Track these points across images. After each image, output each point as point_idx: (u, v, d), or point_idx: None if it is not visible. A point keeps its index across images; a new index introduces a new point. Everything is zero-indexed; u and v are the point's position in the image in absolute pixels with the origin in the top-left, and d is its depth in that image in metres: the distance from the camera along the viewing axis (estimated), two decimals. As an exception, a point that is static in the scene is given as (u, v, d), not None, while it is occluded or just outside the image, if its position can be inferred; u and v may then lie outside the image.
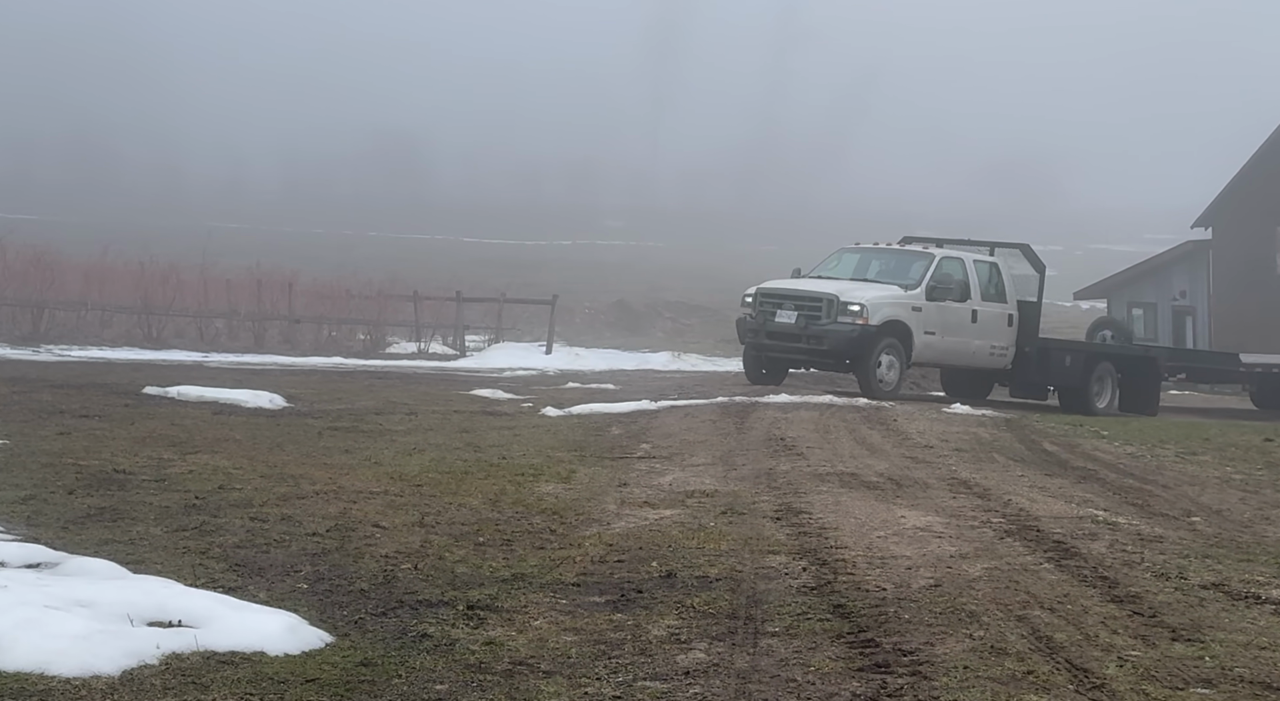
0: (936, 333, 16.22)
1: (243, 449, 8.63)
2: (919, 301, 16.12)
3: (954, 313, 16.37)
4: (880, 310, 15.81)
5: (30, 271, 22.64)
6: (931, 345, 16.27)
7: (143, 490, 6.80)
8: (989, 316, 16.69)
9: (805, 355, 16.16)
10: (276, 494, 6.96)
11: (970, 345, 16.59)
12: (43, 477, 6.94)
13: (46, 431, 8.85)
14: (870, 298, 15.87)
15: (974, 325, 16.54)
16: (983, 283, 16.83)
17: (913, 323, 16.01)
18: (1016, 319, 17.05)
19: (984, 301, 16.68)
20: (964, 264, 16.71)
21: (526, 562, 5.81)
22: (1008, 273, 17.21)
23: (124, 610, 4.24)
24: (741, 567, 5.84)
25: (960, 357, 16.87)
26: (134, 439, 8.72)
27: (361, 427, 10.38)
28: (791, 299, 16.12)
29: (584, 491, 7.72)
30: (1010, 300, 17.01)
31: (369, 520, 6.45)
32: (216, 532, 5.90)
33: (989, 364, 17.03)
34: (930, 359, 16.89)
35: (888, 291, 16.20)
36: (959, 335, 16.44)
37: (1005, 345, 16.90)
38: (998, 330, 16.81)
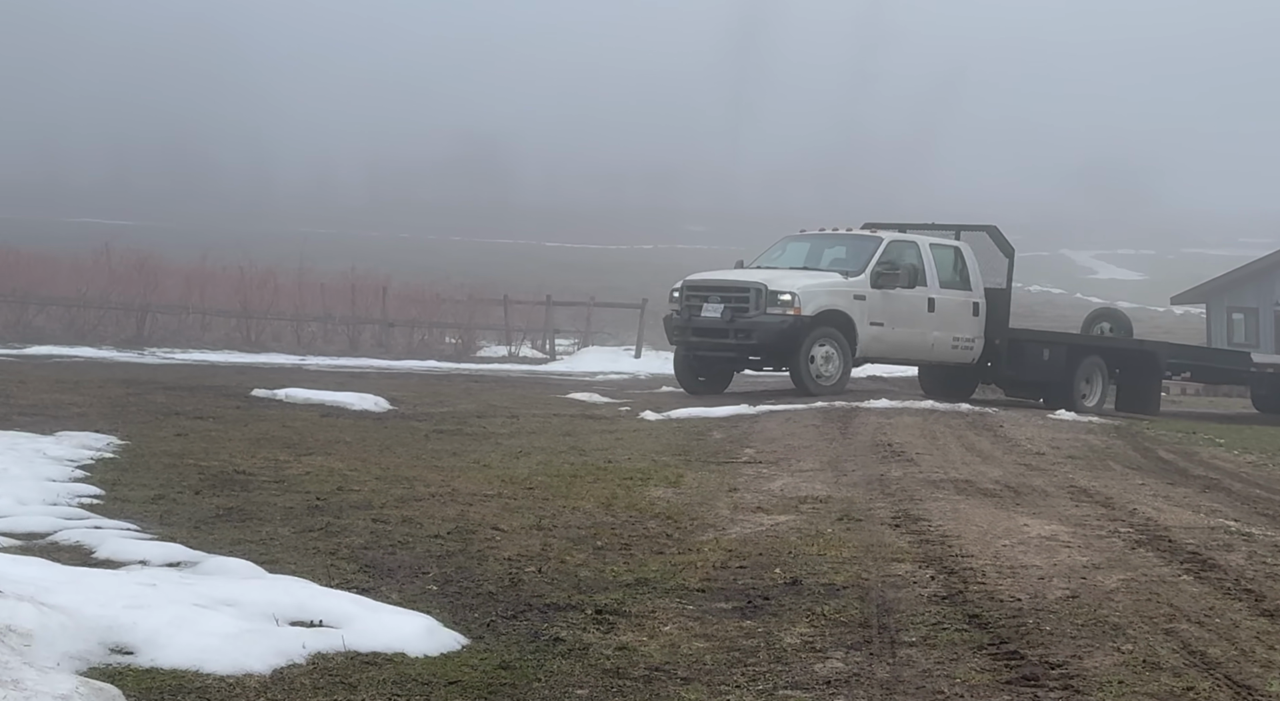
0: (885, 323, 14.98)
1: (354, 451, 8.71)
2: (862, 289, 14.82)
3: (905, 301, 15.06)
4: (814, 299, 14.54)
5: (134, 276, 23.16)
6: (880, 337, 15.01)
7: (264, 491, 6.88)
8: (949, 305, 15.38)
9: (734, 351, 14.85)
10: (394, 496, 7.00)
11: (927, 337, 15.29)
12: (168, 478, 7.05)
13: (164, 432, 9.01)
14: (802, 286, 14.62)
15: (931, 315, 15.24)
16: (941, 268, 15.50)
17: (855, 312, 14.74)
18: (983, 308, 15.71)
19: (943, 289, 15.39)
20: (918, 248, 15.43)
21: (648, 567, 5.78)
22: (973, 258, 15.84)
23: (268, 609, 4.27)
24: (867, 575, 5.76)
25: (917, 351, 15.56)
26: (249, 440, 8.85)
27: (466, 430, 10.43)
28: (718, 291, 14.86)
29: (695, 496, 7.67)
30: (976, 287, 15.69)
31: (487, 522, 6.47)
32: (342, 533, 5.94)
33: (952, 357, 15.66)
34: (880, 353, 15.44)
35: (825, 279, 14.98)
36: (913, 326, 15.17)
37: (971, 337, 15.59)
38: (961, 320, 15.48)
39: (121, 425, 9.12)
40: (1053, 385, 15.96)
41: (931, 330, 15.24)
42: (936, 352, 15.55)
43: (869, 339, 14.86)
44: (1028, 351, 15.94)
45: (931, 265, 15.32)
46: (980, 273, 15.74)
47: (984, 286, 15.68)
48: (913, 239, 15.61)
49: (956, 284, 15.56)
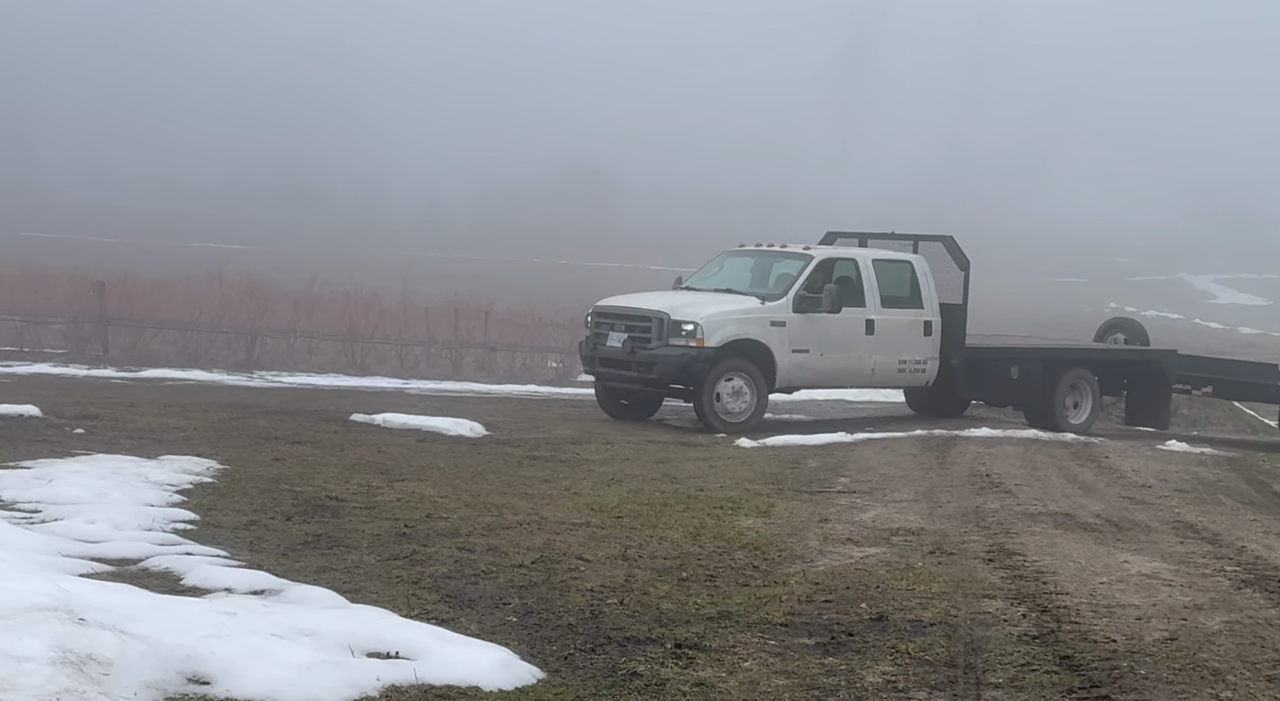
0: (811, 350, 13.93)
1: (446, 477, 8.77)
2: (782, 315, 13.81)
3: (836, 325, 14.05)
4: (721, 328, 13.53)
5: (245, 300, 23.67)
6: (805, 365, 13.95)
7: (355, 517, 6.95)
8: (893, 326, 14.37)
9: (638, 384, 13.93)
10: (481, 523, 7.03)
11: (865, 361, 14.29)
12: (262, 503, 7.17)
13: (263, 457, 9.16)
14: (708, 314, 13.58)
15: (870, 338, 14.23)
16: (885, 286, 14.46)
17: (774, 340, 13.72)
18: (938, 326, 14.64)
19: (887, 308, 14.38)
20: (856, 266, 14.36)
21: (732, 600, 5.71)
22: (927, 273, 14.75)
23: (344, 640, 4.30)
24: (956, 612, 5.62)
25: (855, 377, 14.61)
26: (344, 466, 8.96)
27: (559, 457, 10.45)
28: (623, 318, 13.97)
29: (785, 526, 7.58)
30: (929, 304, 14.64)
31: (572, 552, 6.45)
32: (427, 562, 5.97)
33: (901, 382, 14.87)
34: (807, 381, 14.37)
35: (738, 305, 13.95)
36: (848, 350, 14.15)
37: (923, 358, 14.55)
38: (908, 341, 14.47)
39: (222, 449, 9.30)
40: (1032, 403, 15.03)
41: (871, 354, 14.29)
42: (880, 378, 14.69)
43: (791, 368, 13.88)
44: (991, 369, 14.96)
45: (872, 284, 14.34)
46: (935, 288, 14.70)
47: (940, 302, 14.68)
48: (851, 256, 14.58)
49: (905, 302, 14.57)
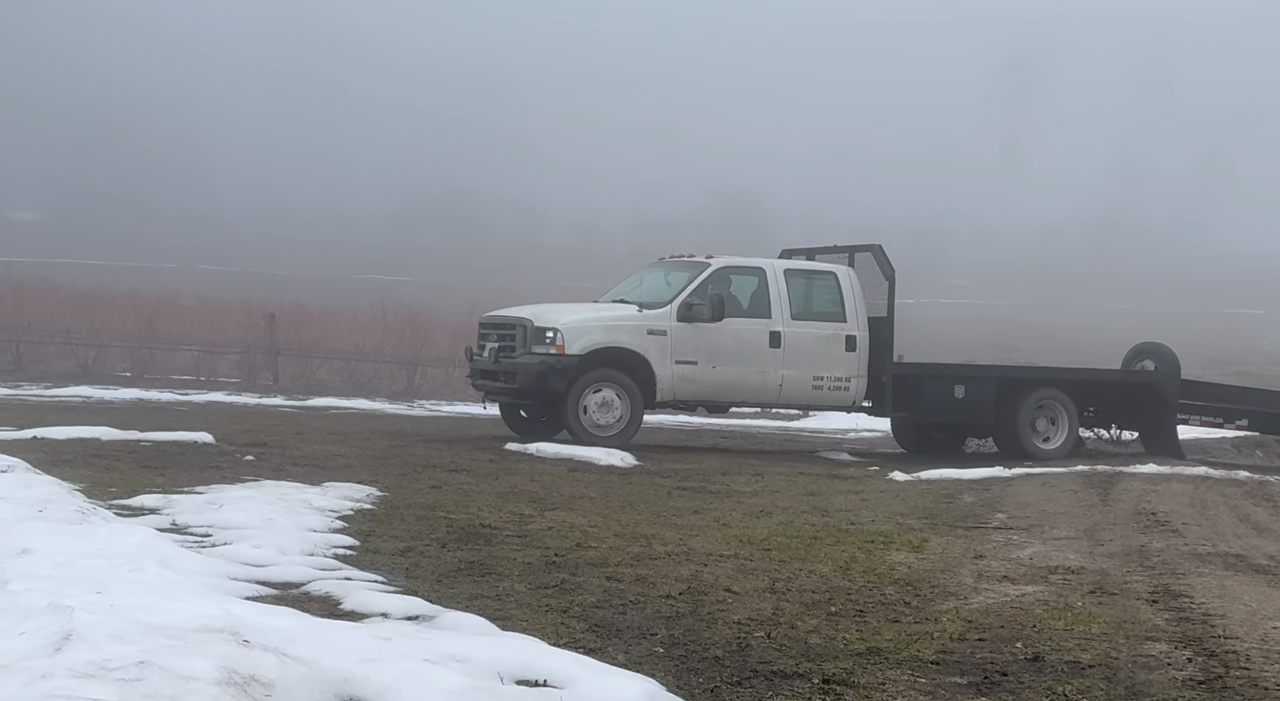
0: (700, 361, 13.36)
1: (597, 506, 8.86)
2: (664, 323, 13.26)
3: (733, 336, 13.46)
4: (585, 335, 13.03)
5: (406, 330, 24.34)
6: (693, 377, 13.36)
7: (507, 545, 7.07)
8: (806, 339, 13.67)
9: (507, 395, 13.50)
10: (630, 553, 7.07)
11: (770, 376, 13.60)
12: (418, 530, 7.34)
13: (421, 484, 9.40)
14: (571, 321, 13.15)
15: (775, 350, 13.56)
16: (799, 298, 13.83)
17: (653, 350, 13.18)
18: (863, 341, 13.86)
19: (798, 321, 13.71)
20: (764, 275, 13.76)
21: (881, 636, 5.63)
22: (854, 285, 14.02)
23: (494, 667, 4.38)
24: (1116, 654, 5.44)
25: (758, 393, 13.86)
26: (498, 494, 9.13)
27: (709, 488, 10.46)
28: (496, 328, 13.70)
29: (938, 562, 7.45)
30: (854, 318, 13.89)
31: (720, 584, 6.44)
32: (575, 591, 6.04)
33: (817, 400, 14.03)
34: (696, 395, 13.63)
35: (610, 312, 13.51)
36: (747, 364, 13.54)
37: (845, 375, 13.80)
38: (826, 356, 13.73)
39: (382, 477, 9.57)
40: (988, 427, 14.22)
41: (778, 368, 13.62)
42: (791, 394, 13.92)
43: (676, 379, 13.33)
44: (930, 388, 14.06)
45: (782, 294, 13.69)
46: (864, 301, 14.02)
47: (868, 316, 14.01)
48: (758, 266, 13.97)
49: (824, 315, 13.90)
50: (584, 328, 13.12)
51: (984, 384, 14.22)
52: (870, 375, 13.92)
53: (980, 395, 14.04)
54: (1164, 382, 14.93)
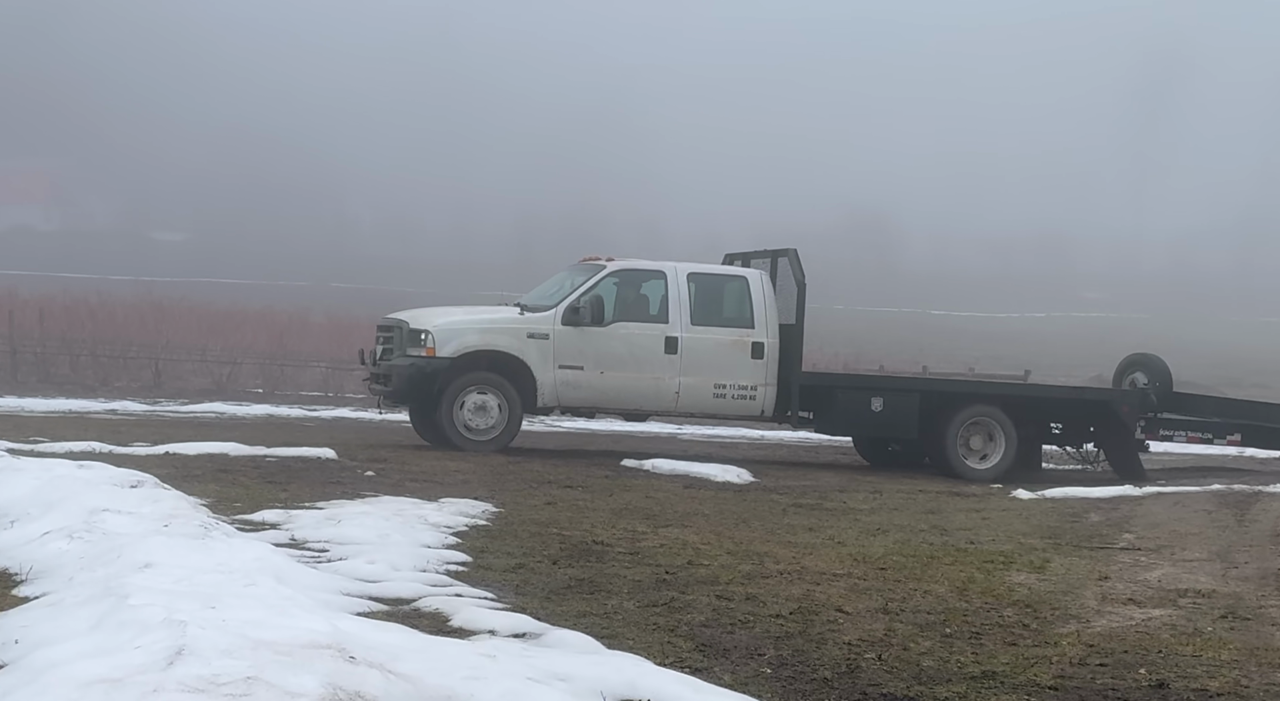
0: (586, 366, 12.98)
1: (710, 524, 8.82)
2: (545, 326, 12.91)
3: (623, 341, 13.06)
4: (457, 338, 12.78)
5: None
6: (577, 383, 12.99)
7: (618, 562, 7.07)
8: (707, 345, 13.17)
9: (390, 398, 13.23)
10: (741, 572, 7.02)
11: (664, 383, 13.12)
12: (531, 546, 7.39)
13: (536, 500, 9.47)
14: (443, 323, 12.94)
15: (671, 356, 13.07)
16: (703, 302, 13.34)
17: (532, 354, 12.86)
18: (773, 348, 13.30)
19: (698, 326, 13.21)
20: (665, 278, 13.27)
21: (997, 659, 5.49)
22: (765, 290, 13.48)
23: (598, 686, 4.37)
24: (1248, 682, 5.23)
25: (650, 400, 13.29)
26: (611, 510, 9.15)
27: (825, 505, 10.35)
28: (384, 330, 13.53)
29: (1059, 583, 7.24)
30: (762, 324, 13.33)
31: (832, 604, 6.36)
32: (684, 609, 6.01)
33: (720, 409, 13.49)
34: (582, 401, 13.25)
35: (489, 315, 13.32)
36: (640, 370, 13.09)
37: (750, 383, 13.24)
38: (728, 363, 13.21)
39: (498, 492, 9.67)
40: (914, 443, 13.58)
41: (674, 375, 13.14)
42: (689, 402, 13.38)
43: (558, 384, 12.98)
44: (843, 400, 13.36)
45: (682, 298, 13.21)
46: (776, 307, 13.47)
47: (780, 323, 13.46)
48: (659, 269, 13.48)
49: (730, 321, 13.42)
50: (457, 330, 12.97)
51: (905, 397, 13.56)
52: (780, 384, 13.41)
53: (901, 409, 13.39)
54: (1118, 400, 14.12)
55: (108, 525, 6.24)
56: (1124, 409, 13.85)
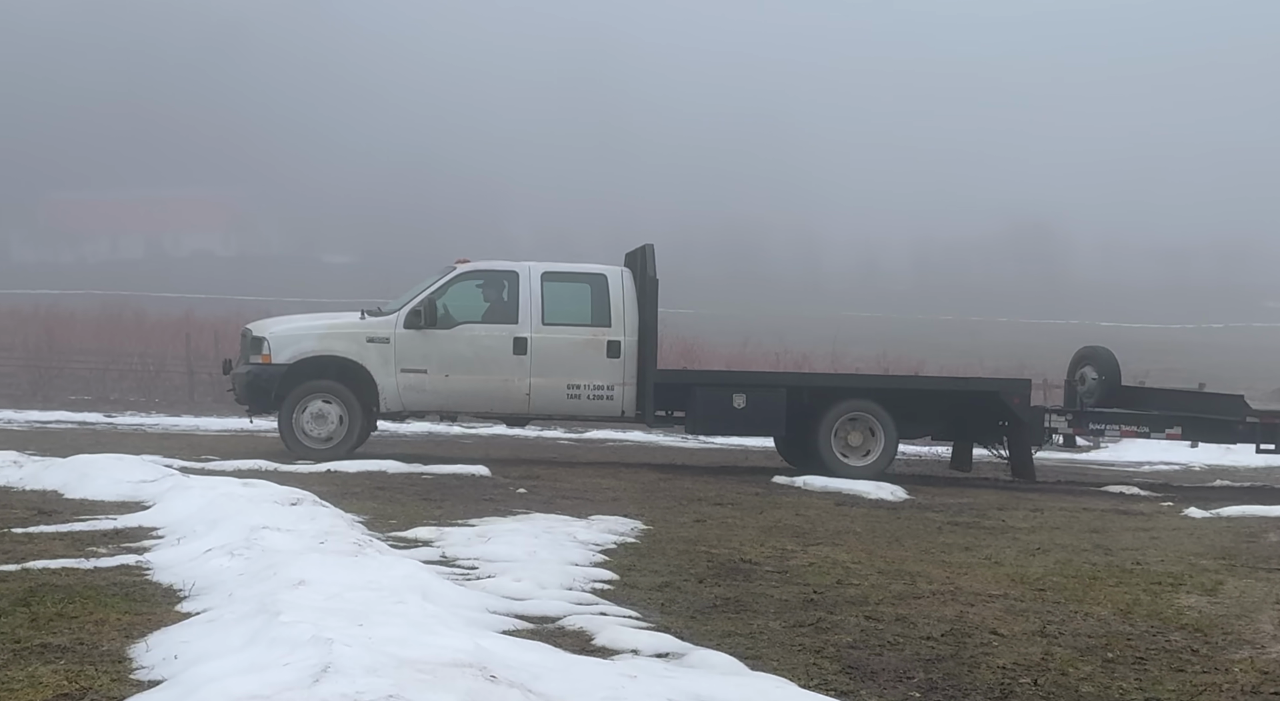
0: (431, 370, 12.80)
1: (861, 542, 8.66)
2: (386, 330, 12.77)
3: (470, 343, 12.86)
4: (294, 344, 12.74)
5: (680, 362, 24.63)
6: (422, 386, 12.81)
7: (765, 581, 6.99)
8: (560, 345, 12.92)
9: (242, 405, 13.33)
10: (892, 592, 6.87)
11: (514, 384, 12.89)
12: (678, 565, 7.36)
13: (684, 518, 9.44)
14: (281, 330, 12.98)
15: (520, 358, 12.84)
16: (557, 302, 13.05)
17: (373, 358, 12.71)
18: (630, 347, 12.96)
19: (550, 326, 12.93)
20: (516, 278, 13.03)
21: (1162, 686, 5.25)
22: (625, 288, 13.12)
23: (737, 708, 4.31)
24: None
25: (499, 403, 13.05)
26: (760, 528, 9.06)
27: (983, 523, 10.07)
28: (242, 339, 13.54)
29: (1233, 607, 6.89)
30: (620, 323, 13.00)
31: (986, 626, 6.17)
32: (831, 630, 5.90)
33: (576, 410, 13.18)
34: (427, 404, 13.08)
35: (329, 321, 13.23)
36: (488, 372, 12.88)
37: (607, 382, 12.94)
38: (582, 363, 12.93)
39: (648, 510, 9.67)
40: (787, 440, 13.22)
41: (525, 376, 12.91)
42: (540, 404, 13.05)
43: (402, 388, 12.80)
44: (703, 398, 12.89)
45: (534, 298, 12.96)
46: (635, 305, 13.06)
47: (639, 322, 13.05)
48: (512, 269, 13.22)
49: (584, 320, 13.07)
50: (293, 336, 12.94)
51: (770, 393, 13.07)
52: (639, 383, 13.03)
53: (766, 405, 12.91)
54: (1008, 390, 13.34)
55: (267, 542, 6.43)
56: (1015, 400, 13.18)
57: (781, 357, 25.16)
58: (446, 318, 12.98)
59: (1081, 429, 13.67)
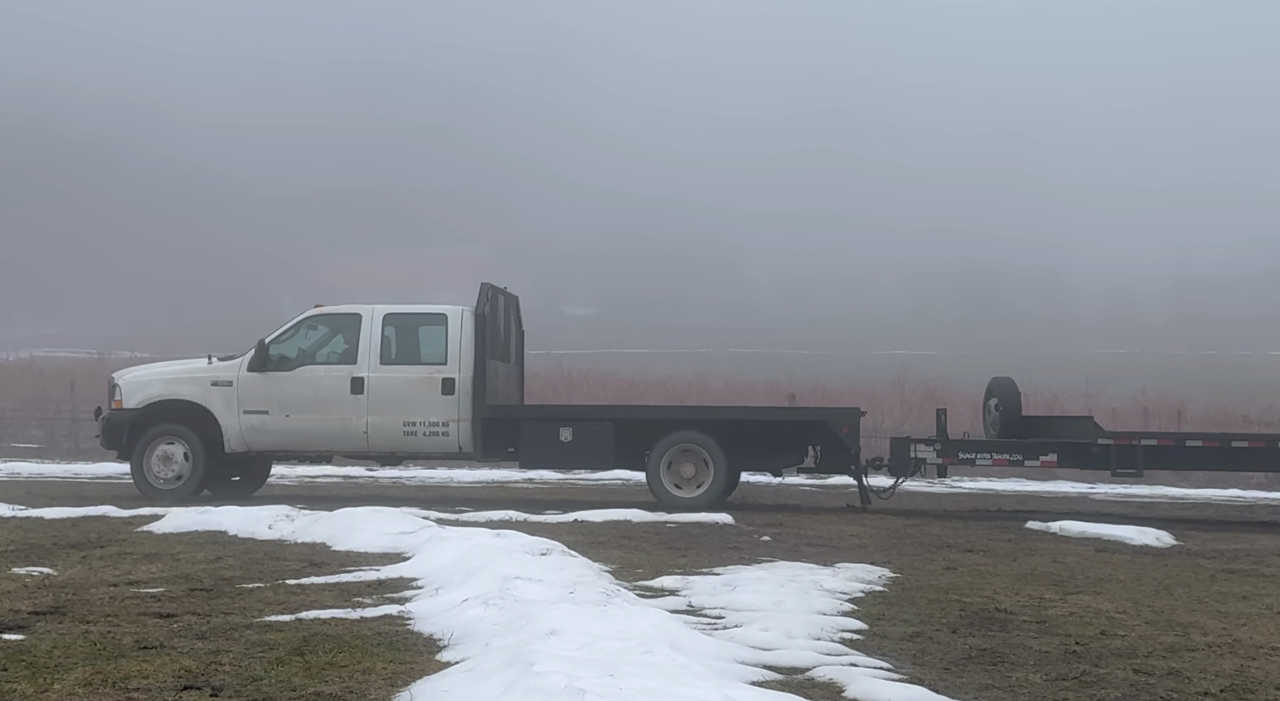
0: (272, 411, 13.31)
1: (1125, 590, 8.23)
2: (229, 374, 13.39)
3: (309, 384, 13.31)
4: (143, 389, 13.44)
5: (925, 405, 24.12)
6: (264, 427, 13.33)
7: (1023, 632, 6.72)
8: (394, 384, 13.26)
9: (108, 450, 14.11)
10: (1163, 644, 6.49)
11: (352, 424, 13.27)
12: (929, 614, 7.16)
13: (934, 565, 9.18)
14: (132, 376, 13.65)
15: (358, 397, 13.23)
16: (391, 343, 13.45)
17: (216, 401, 13.32)
18: (465, 384, 13.24)
19: (387, 365, 13.30)
20: (359, 321, 13.40)
21: None
22: (464, 328, 13.37)
23: (997, 766, 4.14)
24: None
25: (339, 441, 13.45)
26: (1016, 576, 8.72)
27: (1261, 570, 9.43)
28: (109, 384, 14.13)
29: None
30: (455, 360, 13.30)
31: (1271, 681, 5.75)
32: (1097, 684, 5.61)
33: (417, 446, 13.38)
34: (269, 444, 13.51)
35: (177, 366, 13.88)
36: (326, 411, 13.26)
37: (442, 419, 13.26)
38: (418, 401, 13.25)
39: (895, 557, 9.45)
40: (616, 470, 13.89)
41: (362, 415, 13.29)
42: (378, 441, 13.36)
43: (245, 429, 13.38)
44: (530, 432, 13.18)
45: (374, 340, 13.34)
46: (471, 343, 13.34)
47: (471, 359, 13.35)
48: (355, 311, 13.56)
49: (422, 359, 13.48)
50: (142, 382, 13.57)
51: (597, 426, 13.31)
52: (474, 420, 13.31)
53: (594, 438, 13.20)
54: (836, 420, 13.35)
55: (519, 592, 6.58)
56: (843, 429, 13.25)
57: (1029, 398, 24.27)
58: (289, 360, 13.54)
59: (951, 458, 13.65)
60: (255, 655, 5.47)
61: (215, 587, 7.39)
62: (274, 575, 7.89)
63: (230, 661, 5.33)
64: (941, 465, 13.77)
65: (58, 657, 5.37)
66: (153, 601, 6.88)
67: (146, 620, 6.31)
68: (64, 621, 6.26)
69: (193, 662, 5.27)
